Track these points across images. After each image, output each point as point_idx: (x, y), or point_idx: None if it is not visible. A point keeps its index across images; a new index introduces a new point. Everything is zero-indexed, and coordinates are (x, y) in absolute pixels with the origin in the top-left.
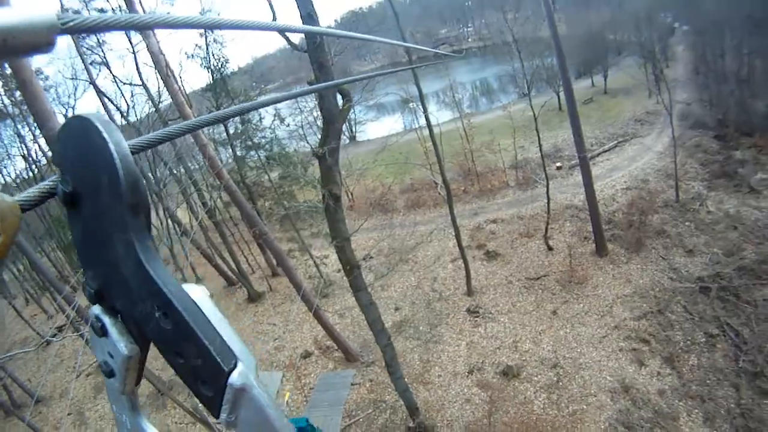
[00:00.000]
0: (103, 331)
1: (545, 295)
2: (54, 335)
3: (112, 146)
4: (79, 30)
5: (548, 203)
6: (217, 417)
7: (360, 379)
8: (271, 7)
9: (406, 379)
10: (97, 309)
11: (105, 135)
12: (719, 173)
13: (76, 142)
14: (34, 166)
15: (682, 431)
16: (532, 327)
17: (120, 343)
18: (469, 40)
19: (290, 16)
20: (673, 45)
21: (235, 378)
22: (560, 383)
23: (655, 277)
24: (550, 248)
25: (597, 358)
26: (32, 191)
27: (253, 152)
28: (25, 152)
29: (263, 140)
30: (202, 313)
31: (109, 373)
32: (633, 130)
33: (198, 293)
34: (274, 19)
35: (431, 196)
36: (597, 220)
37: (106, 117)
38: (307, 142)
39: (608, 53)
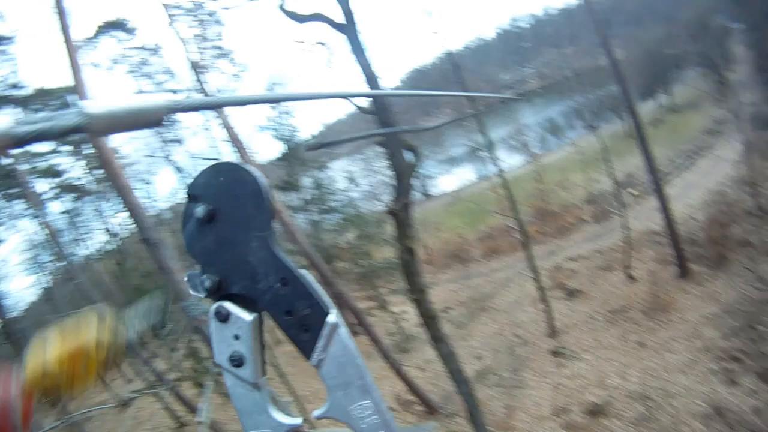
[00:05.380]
0: (226, 315)
1: (630, 327)
2: (132, 398)
3: (258, 178)
4: (182, 110)
5: (626, 233)
6: (309, 358)
7: (442, 430)
8: (335, 75)
9: (489, 427)
10: (217, 303)
11: (252, 172)
12: None
13: (225, 177)
14: (115, 238)
15: None
16: (618, 361)
17: (243, 313)
18: (532, 81)
19: (355, 80)
20: (732, 47)
21: (331, 318)
22: (650, 416)
23: (742, 291)
24: (631, 278)
25: (687, 384)
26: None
27: (328, 215)
28: (106, 227)
29: (338, 203)
30: (309, 280)
31: (239, 361)
32: (704, 144)
33: (305, 272)
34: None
35: (508, 242)
36: (677, 242)
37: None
38: (381, 201)
39: (669, 69)
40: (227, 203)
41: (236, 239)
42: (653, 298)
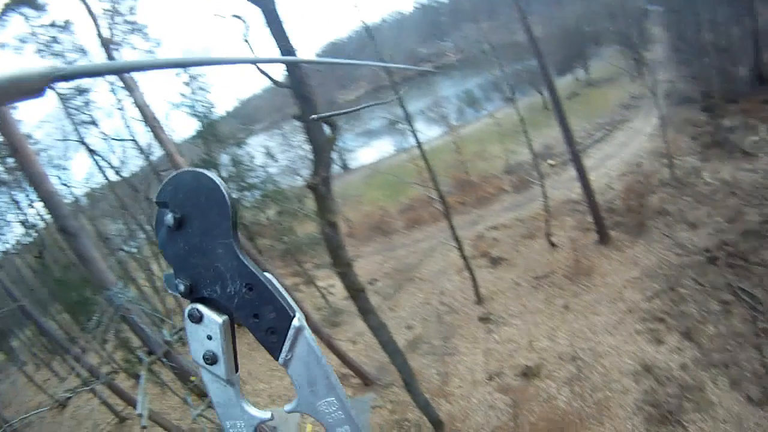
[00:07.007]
0: (199, 316)
1: (554, 291)
2: (68, 398)
3: (222, 187)
4: (66, 76)
5: (546, 202)
6: (277, 358)
7: (380, 401)
8: (251, 49)
9: (426, 394)
10: (190, 305)
11: (216, 180)
12: (711, 144)
13: (190, 185)
14: (32, 231)
15: (710, 400)
16: (546, 324)
17: (214, 315)
18: (449, 54)
19: (271, 54)
20: (650, 27)
21: (296, 321)
22: (581, 375)
23: (661, 256)
24: (553, 245)
25: (615, 344)
26: None
27: (247, 192)
28: (23, 218)
29: (257, 180)
30: (275, 284)
31: (212, 359)
32: (621, 117)
33: (270, 275)
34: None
35: (429, 212)
36: (596, 210)
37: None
38: (300, 176)
39: (587, 46)
40: (193, 211)
41: (204, 246)
42: (575, 264)
